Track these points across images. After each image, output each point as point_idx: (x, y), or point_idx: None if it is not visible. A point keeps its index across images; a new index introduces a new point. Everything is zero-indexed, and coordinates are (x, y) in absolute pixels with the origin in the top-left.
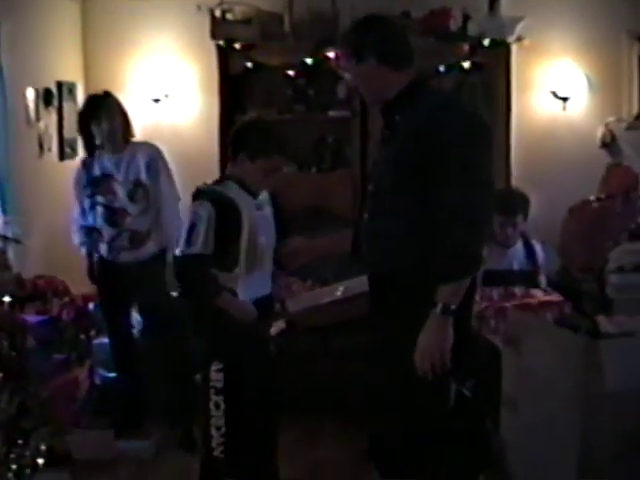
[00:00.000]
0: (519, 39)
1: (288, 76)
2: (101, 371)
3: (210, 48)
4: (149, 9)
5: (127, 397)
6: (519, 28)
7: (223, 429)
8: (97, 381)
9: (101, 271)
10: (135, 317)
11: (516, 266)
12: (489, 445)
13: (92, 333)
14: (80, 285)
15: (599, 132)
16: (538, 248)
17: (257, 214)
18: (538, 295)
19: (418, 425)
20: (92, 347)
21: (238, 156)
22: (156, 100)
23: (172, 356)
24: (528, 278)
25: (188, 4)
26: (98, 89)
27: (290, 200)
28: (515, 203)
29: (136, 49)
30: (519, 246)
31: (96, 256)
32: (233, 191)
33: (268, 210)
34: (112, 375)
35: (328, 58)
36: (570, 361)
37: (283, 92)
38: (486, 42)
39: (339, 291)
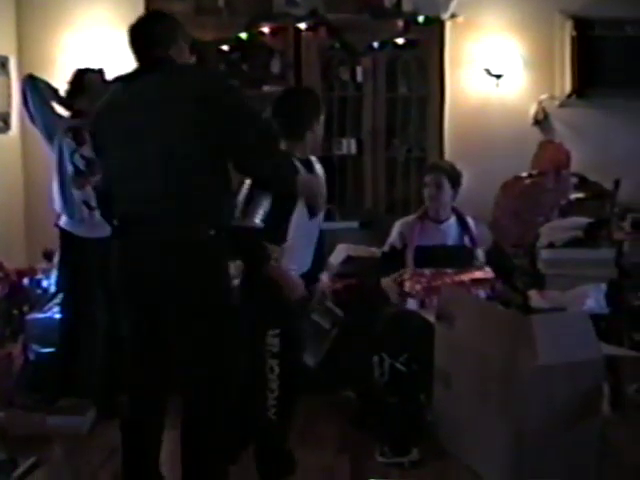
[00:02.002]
0: (453, 16)
1: (222, 51)
2: (35, 347)
3: None
4: None
5: (63, 373)
6: (453, 5)
7: (276, 392)
8: (31, 357)
9: (68, 247)
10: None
11: (450, 241)
12: (422, 418)
13: (25, 308)
14: (14, 260)
15: (532, 109)
16: (471, 223)
17: None
18: (470, 273)
19: None
20: (25, 323)
21: (295, 132)
22: None
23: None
24: (464, 253)
25: None
26: (32, 63)
27: None
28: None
29: (70, 22)
30: (452, 221)
31: (61, 230)
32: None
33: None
34: (46, 351)
35: (262, 33)
36: (501, 336)
37: (217, 67)
38: (420, 19)
39: None
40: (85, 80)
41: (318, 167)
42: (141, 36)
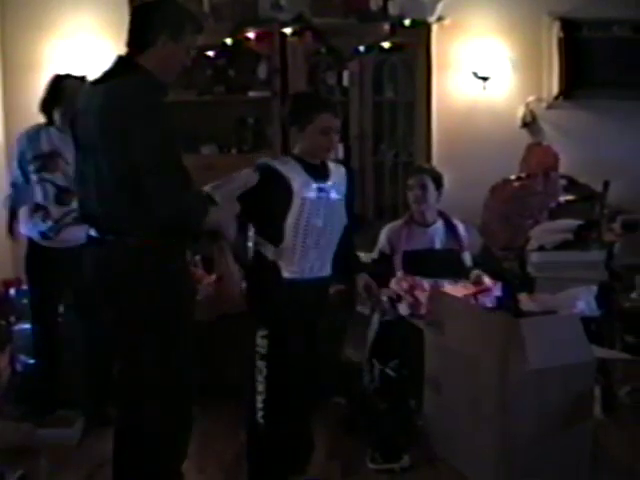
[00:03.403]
0: (439, 19)
1: (208, 57)
2: (22, 357)
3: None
4: None
5: (47, 384)
6: (439, 8)
7: (264, 395)
8: (18, 368)
9: (35, 257)
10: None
11: (437, 245)
12: (412, 424)
13: (12, 319)
14: (0, 271)
15: (520, 112)
16: (461, 227)
17: (316, 196)
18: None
19: None
20: (13, 333)
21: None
22: None
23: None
24: (452, 257)
25: None
26: (16, 69)
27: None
28: (441, 176)
29: (55, 29)
30: (439, 225)
31: (29, 239)
32: (288, 167)
33: (336, 196)
34: (34, 361)
35: (248, 39)
36: (492, 339)
37: (203, 73)
38: (407, 22)
39: None
40: (63, 87)
41: (336, 173)
42: (128, 30)
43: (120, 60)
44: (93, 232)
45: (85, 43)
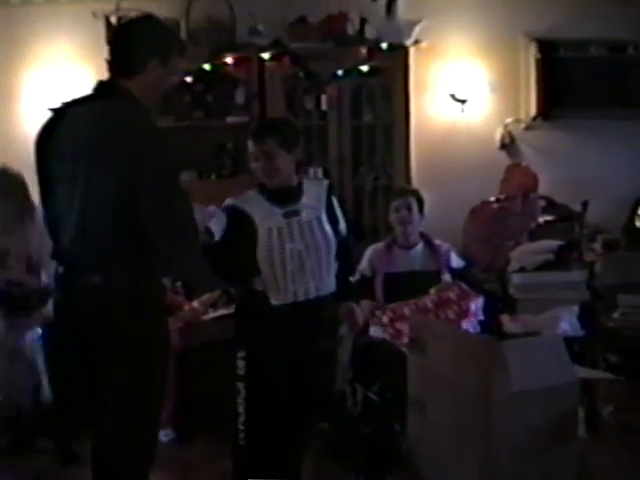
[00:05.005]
0: (416, 42)
1: (186, 83)
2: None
3: (106, 55)
4: (44, 16)
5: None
6: (416, 31)
7: (244, 416)
8: (1, 397)
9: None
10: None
11: (417, 267)
12: (397, 447)
13: None
14: None
15: (498, 133)
16: (443, 248)
17: (284, 222)
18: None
19: None
20: None
21: None
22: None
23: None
24: (431, 278)
25: (83, 11)
26: None
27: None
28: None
29: (31, 57)
30: (420, 247)
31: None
32: (249, 203)
33: (310, 215)
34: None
35: (226, 64)
36: (475, 362)
37: (181, 99)
38: (384, 45)
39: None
40: None
41: (312, 191)
42: (111, 52)
43: (104, 84)
44: (61, 269)
45: (62, 72)
